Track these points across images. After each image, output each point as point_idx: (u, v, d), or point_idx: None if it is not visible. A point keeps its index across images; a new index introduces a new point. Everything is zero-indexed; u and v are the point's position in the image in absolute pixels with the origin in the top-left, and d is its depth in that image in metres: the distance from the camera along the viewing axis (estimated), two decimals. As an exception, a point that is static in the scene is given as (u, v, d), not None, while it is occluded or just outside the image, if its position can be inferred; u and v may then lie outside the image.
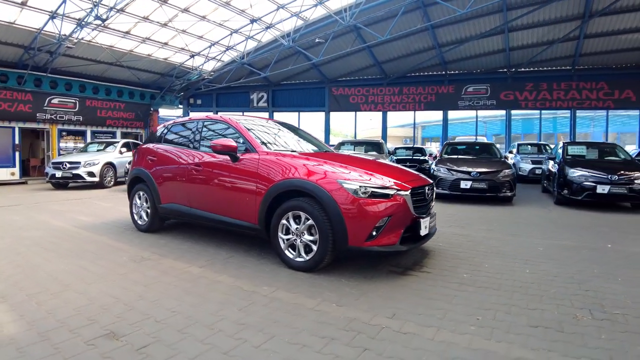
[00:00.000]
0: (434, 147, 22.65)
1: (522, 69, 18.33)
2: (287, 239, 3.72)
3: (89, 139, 16.41)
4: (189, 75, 18.66)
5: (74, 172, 10.77)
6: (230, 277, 3.45)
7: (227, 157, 4.16)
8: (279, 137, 4.68)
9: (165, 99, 19.82)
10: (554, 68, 18.00)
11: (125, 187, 10.80)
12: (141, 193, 5.22)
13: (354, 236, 3.38)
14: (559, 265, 4.09)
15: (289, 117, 21.69)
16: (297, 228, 3.64)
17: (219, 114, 5.62)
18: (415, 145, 18.26)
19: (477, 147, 11.60)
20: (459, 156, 10.72)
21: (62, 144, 15.78)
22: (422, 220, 3.77)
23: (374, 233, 3.41)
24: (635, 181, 7.68)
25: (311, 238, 3.57)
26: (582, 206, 8.17)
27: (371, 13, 13.92)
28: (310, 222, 3.53)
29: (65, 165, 10.88)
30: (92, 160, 11.07)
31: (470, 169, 8.89)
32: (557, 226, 6.25)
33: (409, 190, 3.63)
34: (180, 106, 21.95)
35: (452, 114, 20.69)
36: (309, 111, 21.33)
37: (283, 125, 5.13)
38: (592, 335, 2.53)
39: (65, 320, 2.55)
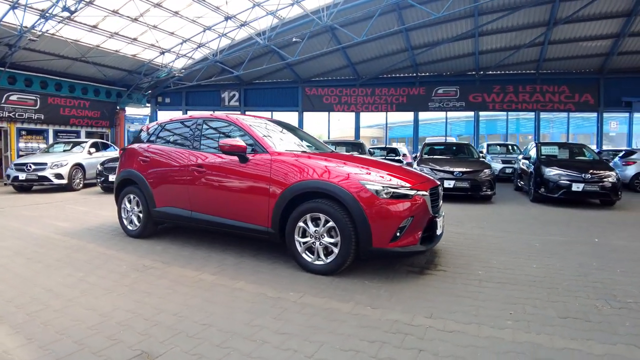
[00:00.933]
0: (401, 148, 23.13)
1: (490, 72, 19.07)
2: (304, 242, 3.60)
3: (51, 139, 15.36)
4: (158, 72, 17.92)
5: (40, 174, 10.01)
6: (249, 284, 3.28)
7: (235, 158, 3.97)
8: (283, 137, 4.52)
9: (132, 98, 18.93)
10: (519, 72, 18.86)
11: (98, 189, 10.40)
12: (132, 196, 4.89)
13: (378, 237, 3.33)
14: (560, 259, 4.26)
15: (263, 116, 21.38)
16: (316, 230, 3.52)
17: (188, 113, 5.36)
18: (387, 146, 18.52)
19: (455, 147, 11.89)
20: (440, 156, 10.94)
21: (21, 144, 14.66)
22: (437, 219, 3.79)
23: (398, 234, 3.38)
24: (605, 179, 8.16)
25: (332, 240, 3.47)
26: (556, 203, 8.58)
27: (349, 14, 13.96)
28: (331, 224, 3.44)
29: (30, 166, 10.09)
30: (59, 161, 10.33)
31: (452, 169, 9.09)
32: (540, 222, 6.51)
33: (428, 190, 3.64)
34: (148, 105, 21.05)
35: (420, 115, 21.08)
36: (281, 111, 21.11)
37: (281, 124, 4.97)
38: (618, 323, 2.68)
39: (83, 342, 2.29)
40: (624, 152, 12.79)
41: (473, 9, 14.21)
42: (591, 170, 8.31)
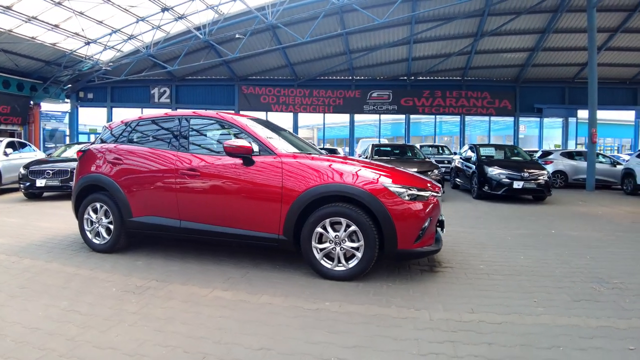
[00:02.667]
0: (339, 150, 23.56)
1: (420, 78, 20.28)
2: (322, 248, 3.39)
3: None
4: (81, 65, 15.97)
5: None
6: (275, 297, 2.99)
7: (237, 161, 3.59)
8: (276, 137, 4.18)
9: (49, 92, 16.60)
10: (447, 78, 20.35)
11: (20, 195, 8.79)
12: (98, 205, 4.19)
13: (403, 239, 3.29)
14: (538, 250, 4.66)
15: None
16: (336, 235, 3.34)
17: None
18: (327, 147, 18.71)
19: (401, 149, 12.37)
20: (389, 157, 11.26)
21: None
22: (444, 219, 3.86)
23: (420, 234, 3.37)
24: (540, 177, 9.10)
25: (354, 245, 3.32)
26: (497, 200, 9.35)
27: (294, 13, 13.81)
28: (353, 227, 3.29)
29: None
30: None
31: (405, 170, 9.40)
32: (496, 218, 7.05)
33: (440, 192, 3.68)
34: (67, 100, 18.67)
35: (341, 117, 21.60)
36: (217, 109, 20.20)
37: (263, 123, 4.49)
38: (620, 301, 3.06)
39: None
40: (541, 152, 14.40)
41: (410, 17, 14.95)
42: (528, 169, 9.20)
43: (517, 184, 9.03)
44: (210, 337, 2.33)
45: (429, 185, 3.65)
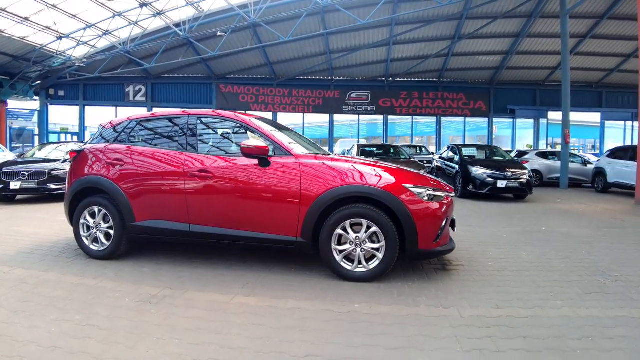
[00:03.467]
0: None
1: (398, 79, 20.57)
2: (342, 250, 3.35)
3: None
4: (52, 60, 15.13)
5: None
6: (301, 301, 2.91)
7: (253, 162, 3.48)
8: (287, 137, 4.08)
9: (16, 88, 15.62)
10: (424, 79, 20.74)
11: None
12: (96, 209, 3.94)
13: (424, 239, 3.31)
14: (537, 247, 4.80)
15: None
16: (357, 237, 3.30)
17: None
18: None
19: (385, 149, 12.50)
20: (374, 158, 11.35)
21: None
22: (455, 219, 3.90)
23: (439, 234, 3.41)
24: (522, 177, 9.41)
25: (375, 246, 3.31)
26: (481, 198, 9.58)
27: (277, 12, 13.67)
28: (374, 229, 3.28)
29: None
30: None
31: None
32: (486, 216, 7.24)
33: (453, 192, 3.71)
34: (36, 98, 17.63)
35: (318, 117, 21.63)
36: (194, 108, 19.69)
37: (270, 123, 4.44)
38: (627, 293, 3.24)
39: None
40: (516, 152, 14.90)
41: (391, 19, 15.13)
42: (510, 169, 9.49)
43: (501, 183, 9.30)
44: (251, 346, 2.23)
45: (443, 185, 3.68)
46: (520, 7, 14.41)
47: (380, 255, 3.30)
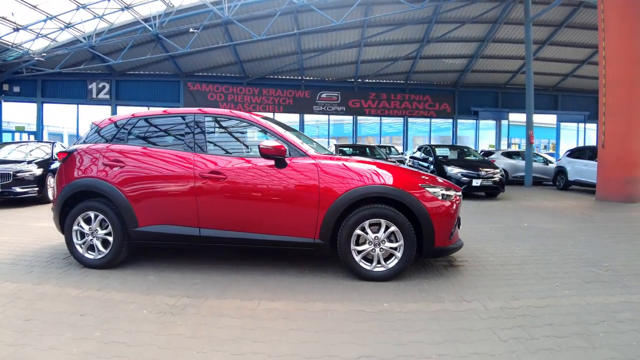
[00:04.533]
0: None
1: (367, 80, 20.86)
2: (360, 250, 3.35)
3: None
4: (6, 53, 13.95)
5: None
6: (330, 303, 2.88)
7: (269, 163, 3.40)
8: (297, 137, 3.98)
9: (-36, 83, 14.31)
10: (392, 81, 21.16)
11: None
12: (92, 214, 3.67)
13: (440, 237, 3.40)
14: (525, 242, 5.07)
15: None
16: (376, 237, 3.32)
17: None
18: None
19: (362, 149, 12.67)
20: (354, 157, 11.45)
21: None
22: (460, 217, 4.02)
23: (453, 232, 3.52)
24: (495, 175, 9.85)
25: (393, 245, 3.34)
26: (459, 197, 9.90)
27: (252, 10, 13.44)
28: (393, 228, 3.31)
29: None
30: None
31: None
32: (467, 214, 7.42)
33: (460, 191, 3.82)
34: (-12, 94, 16.25)
35: (287, 117, 21.58)
36: (161, 107, 18.95)
37: (276, 122, 4.41)
38: (621, 281, 3.51)
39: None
40: (482, 152, 15.55)
41: (363, 21, 15.31)
42: (483, 168, 9.90)
43: (476, 182, 9.68)
44: (299, 352, 2.17)
45: (452, 184, 3.78)
46: (486, 13, 15.07)
47: (398, 254, 3.34)
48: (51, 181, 8.30)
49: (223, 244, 3.54)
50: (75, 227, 3.71)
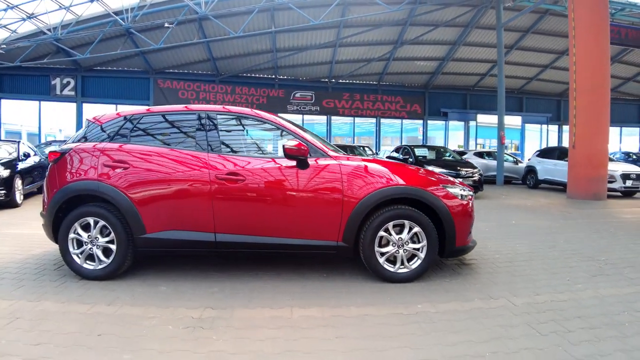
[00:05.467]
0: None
1: (341, 81, 20.94)
2: (384, 252, 3.31)
3: None
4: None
5: None
6: (364, 308, 2.81)
7: (289, 163, 3.28)
8: (313, 137, 3.86)
9: None
10: (365, 82, 21.35)
11: None
12: (91, 221, 3.36)
13: (461, 237, 3.44)
14: (521, 239, 5.24)
15: (105, 110, 17.83)
16: (400, 238, 3.29)
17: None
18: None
19: (343, 149, 12.65)
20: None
21: None
22: None
23: (470, 231, 3.57)
24: (475, 175, 10.14)
25: (416, 246, 3.34)
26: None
27: (229, 7, 13.11)
28: (416, 229, 3.30)
29: None
30: None
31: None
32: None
33: (473, 191, 3.88)
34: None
35: None
36: (129, 104, 18.07)
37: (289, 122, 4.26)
38: (623, 273, 3.73)
39: None
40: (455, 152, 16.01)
41: (339, 21, 15.33)
42: (463, 168, 10.18)
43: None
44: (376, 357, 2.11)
45: (466, 185, 3.82)
46: (459, 17, 15.52)
47: (422, 255, 3.33)
48: (18, 183, 7.70)
49: (241, 250, 3.37)
50: (71, 235, 3.39)
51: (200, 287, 3.23)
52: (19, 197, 7.64)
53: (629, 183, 10.25)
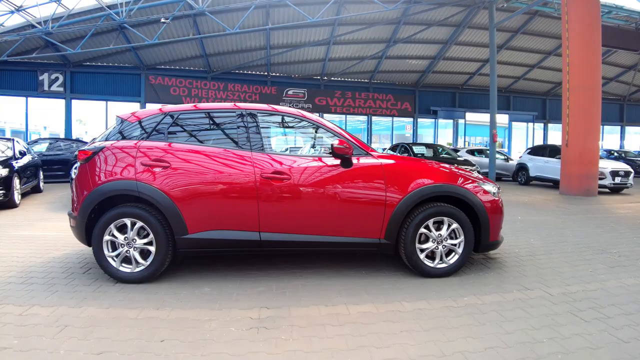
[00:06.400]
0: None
1: (333, 78, 21.00)
2: (424, 249, 3.43)
3: None
4: (-59, 37, 12.28)
5: None
6: (415, 302, 2.92)
7: (334, 163, 3.34)
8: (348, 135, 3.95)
9: None
10: (357, 80, 21.47)
11: None
12: (128, 222, 3.29)
13: (494, 232, 3.60)
14: (533, 234, 5.44)
15: (94, 107, 17.43)
16: (439, 234, 3.40)
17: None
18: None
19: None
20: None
21: None
22: None
23: (502, 226, 3.74)
24: (473, 172, 10.38)
25: (454, 242, 3.48)
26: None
27: (227, 3, 12.99)
28: (455, 225, 3.44)
29: None
30: None
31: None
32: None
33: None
34: None
35: None
36: (120, 101, 17.74)
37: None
38: (637, 264, 3.97)
39: None
40: (449, 150, 16.32)
41: (335, 19, 15.38)
42: (461, 166, 10.41)
43: (457, 179, 10.15)
44: (433, 352, 2.20)
45: (494, 182, 3.97)
46: (452, 16, 15.78)
47: (459, 250, 3.48)
48: (16, 182, 7.49)
49: (285, 248, 3.41)
50: (106, 237, 3.30)
51: (245, 287, 3.24)
52: (17, 197, 7.45)
53: (617, 180, 10.70)
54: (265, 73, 20.08)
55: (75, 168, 8.00)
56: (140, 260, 3.32)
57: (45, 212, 6.88)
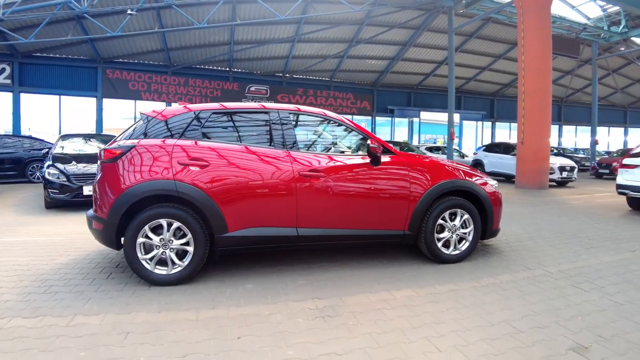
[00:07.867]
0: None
1: (295, 76, 21.18)
2: (440, 238, 3.85)
3: None
4: None
5: None
6: (444, 285, 3.30)
7: (364, 160, 3.64)
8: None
9: None
10: (318, 78, 21.81)
11: None
12: (164, 223, 3.26)
13: (496, 221, 4.15)
14: (511, 223, 6.03)
15: (46, 101, 16.20)
16: (454, 225, 3.85)
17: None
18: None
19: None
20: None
21: None
22: None
23: (501, 215, 4.27)
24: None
25: (465, 231, 3.94)
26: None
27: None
28: (466, 216, 3.91)
29: None
30: None
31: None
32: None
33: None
34: None
35: None
36: (74, 95, 16.66)
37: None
38: (607, 245, 4.70)
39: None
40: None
41: (300, 18, 15.57)
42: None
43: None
44: (484, 323, 2.59)
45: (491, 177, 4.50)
46: (413, 19, 16.58)
47: (469, 238, 3.95)
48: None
49: (318, 242, 3.65)
50: (139, 240, 3.23)
51: (285, 282, 3.38)
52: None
53: (564, 174, 11.98)
54: (228, 69, 19.80)
55: (49, 167, 7.58)
56: (176, 261, 3.29)
57: (17, 216, 6.40)
